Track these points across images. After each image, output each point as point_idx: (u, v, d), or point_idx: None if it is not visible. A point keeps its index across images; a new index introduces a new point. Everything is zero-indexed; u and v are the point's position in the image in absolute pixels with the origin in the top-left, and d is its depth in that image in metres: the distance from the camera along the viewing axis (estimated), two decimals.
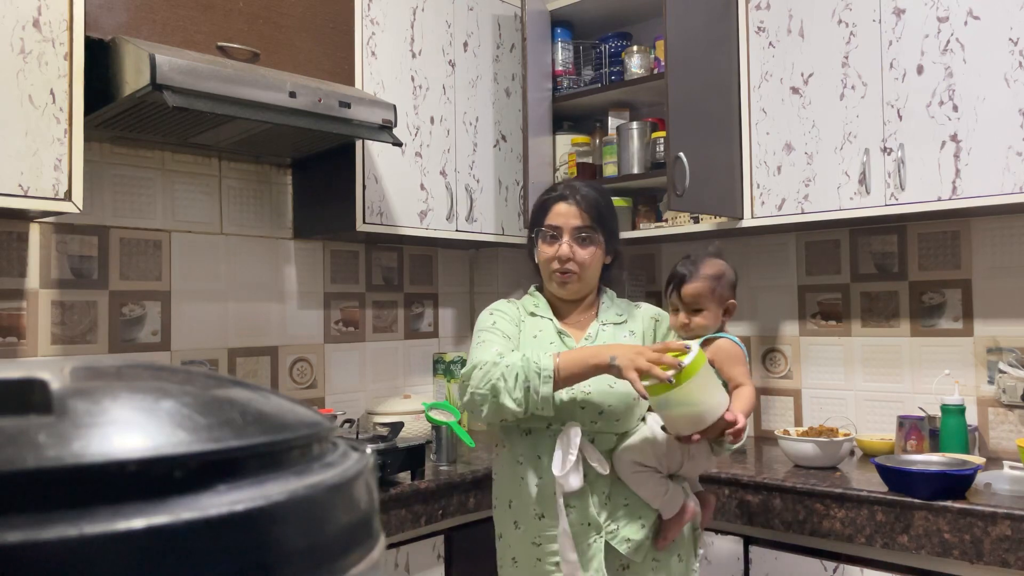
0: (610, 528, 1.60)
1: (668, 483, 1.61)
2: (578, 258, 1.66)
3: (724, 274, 1.64)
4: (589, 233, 1.67)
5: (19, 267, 2.08)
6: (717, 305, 1.63)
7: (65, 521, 0.28)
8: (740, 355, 1.60)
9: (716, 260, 1.66)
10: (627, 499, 1.61)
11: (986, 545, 1.74)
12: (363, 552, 0.39)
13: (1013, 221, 2.33)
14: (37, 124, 1.76)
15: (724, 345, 1.61)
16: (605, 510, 1.61)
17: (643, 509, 1.61)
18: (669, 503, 1.60)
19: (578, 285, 1.69)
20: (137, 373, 0.43)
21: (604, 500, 1.61)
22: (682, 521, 1.62)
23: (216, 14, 2.07)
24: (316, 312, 2.69)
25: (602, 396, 1.60)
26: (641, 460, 1.59)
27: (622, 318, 1.72)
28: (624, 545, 1.59)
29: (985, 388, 2.36)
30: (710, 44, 2.44)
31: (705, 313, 1.62)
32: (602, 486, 1.61)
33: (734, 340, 1.61)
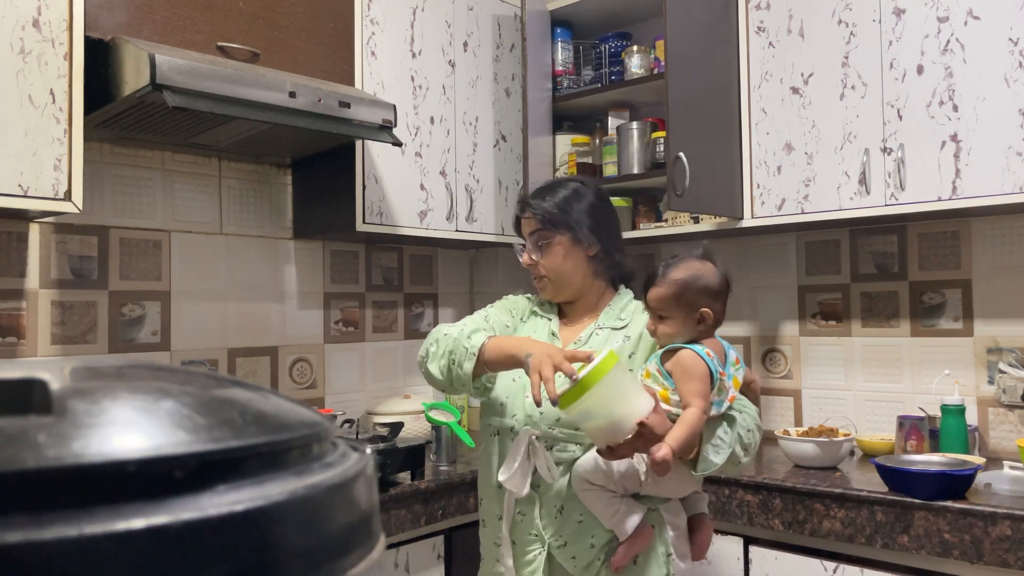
0: (557, 543, 1.54)
1: (621, 503, 1.49)
2: (541, 263, 1.65)
3: (698, 279, 1.47)
4: (542, 235, 1.64)
5: (19, 267, 2.08)
6: (685, 312, 1.45)
7: (65, 521, 0.28)
8: (697, 371, 1.40)
9: (694, 263, 1.49)
10: (582, 515, 1.53)
11: (986, 545, 1.74)
12: (363, 552, 0.38)
13: (1013, 221, 2.33)
14: (37, 124, 1.76)
15: (683, 358, 1.42)
16: (555, 523, 1.54)
17: (598, 528, 1.52)
18: (620, 524, 1.49)
19: (552, 287, 1.66)
20: (137, 373, 0.43)
21: (556, 513, 1.54)
22: (634, 545, 1.49)
23: (216, 14, 2.07)
24: (316, 312, 2.69)
25: None
26: (590, 478, 1.49)
27: (624, 322, 1.65)
28: (570, 562, 1.53)
29: (985, 388, 2.36)
30: (710, 44, 2.44)
31: (670, 321, 1.47)
32: (555, 498, 1.54)
33: (698, 352, 1.42)
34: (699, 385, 1.39)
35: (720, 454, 1.42)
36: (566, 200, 1.65)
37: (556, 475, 1.53)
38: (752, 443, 1.50)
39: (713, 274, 1.48)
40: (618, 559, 1.49)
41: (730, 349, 1.51)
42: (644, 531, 1.50)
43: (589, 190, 1.70)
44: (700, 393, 1.38)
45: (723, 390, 1.44)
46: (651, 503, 1.54)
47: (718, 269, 1.50)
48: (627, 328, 1.64)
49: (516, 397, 1.60)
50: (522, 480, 1.53)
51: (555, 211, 1.64)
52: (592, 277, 1.68)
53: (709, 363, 1.40)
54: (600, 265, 1.68)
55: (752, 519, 2.08)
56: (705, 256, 1.52)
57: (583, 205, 1.66)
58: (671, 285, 1.46)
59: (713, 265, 1.50)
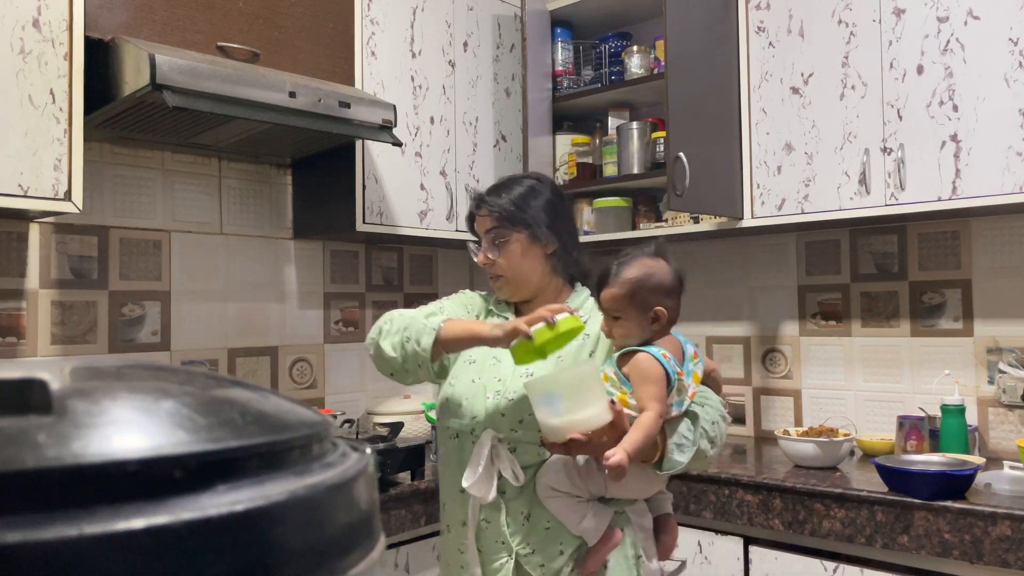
0: (525, 551, 1.48)
1: (587, 508, 1.45)
2: (498, 262, 1.60)
3: (650, 277, 1.42)
4: (499, 232, 1.59)
5: (19, 267, 2.08)
6: (639, 312, 1.41)
7: (65, 521, 0.28)
8: (653, 374, 1.36)
9: (646, 261, 1.44)
10: (549, 521, 1.48)
11: (986, 545, 1.74)
12: (363, 552, 0.38)
13: (1013, 221, 2.34)
14: (37, 124, 1.76)
15: (638, 361, 1.38)
16: (522, 531, 1.48)
17: (566, 534, 1.47)
18: (589, 530, 1.44)
19: (510, 287, 1.62)
20: (137, 373, 0.43)
21: (523, 520, 1.48)
22: (603, 550, 1.45)
23: (216, 14, 2.07)
24: (316, 312, 2.69)
25: (525, 403, 1.46)
26: (553, 484, 1.44)
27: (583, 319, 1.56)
28: (538, 570, 1.48)
29: (985, 388, 2.36)
30: (710, 44, 2.44)
31: (623, 322, 1.42)
32: (521, 505, 1.49)
33: (654, 355, 1.38)
34: (655, 388, 1.36)
35: (685, 453, 1.40)
36: (522, 197, 1.61)
37: (522, 479, 1.47)
38: (718, 435, 1.48)
39: (666, 272, 1.44)
40: (589, 565, 1.45)
41: (687, 344, 1.47)
42: (613, 535, 1.46)
43: (545, 186, 1.66)
44: (656, 396, 1.35)
45: (682, 390, 1.41)
46: (618, 505, 1.50)
47: (671, 266, 1.46)
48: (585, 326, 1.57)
49: (477, 398, 1.54)
50: (487, 485, 1.48)
51: (512, 208, 1.59)
52: (550, 275, 1.63)
53: (665, 365, 1.37)
54: (558, 263, 1.63)
55: (752, 519, 2.08)
56: (658, 253, 1.47)
57: (540, 202, 1.61)
58: (624, 285, 1.42)
59: (666, 262, 1.46)
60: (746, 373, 2.85)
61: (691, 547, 2.20)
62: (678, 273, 1.46)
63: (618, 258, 1.47)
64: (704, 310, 2.96)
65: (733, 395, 2.88)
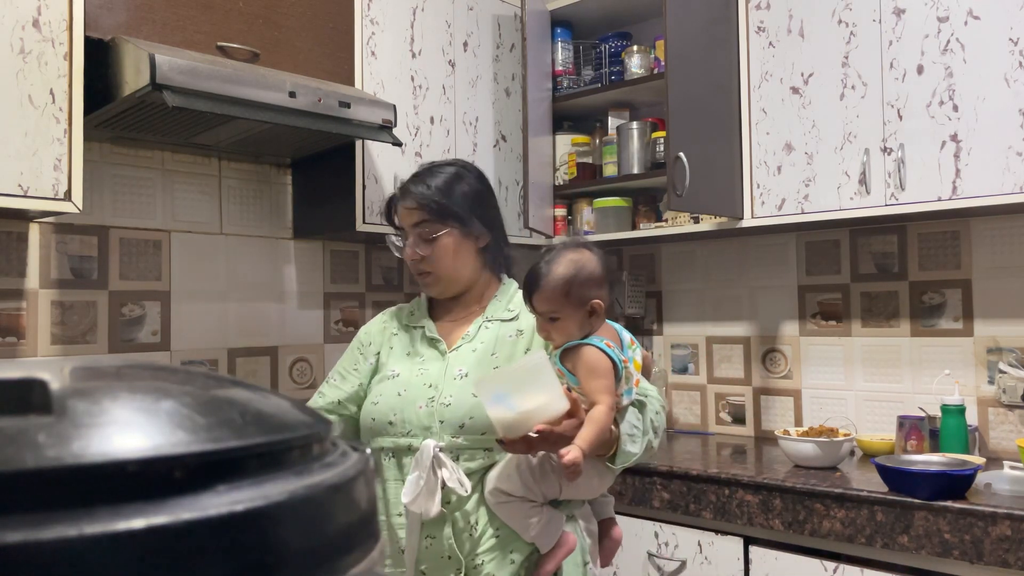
0: (474, 564, 1.38)
1: (540, 513, 1.37)
2: (427, 256, 1.49)
3: (579, 270, 1.36)
4: (429, 226, 1.49)
5: (19, 267, 2.08)
6: (575, 309, 1.35)
7: (65, 521, 0.28)
8: (601, 366, 1.32)
9: (570, 255, 1.38)
10: (499, 530, 1.38)
11: (986, 545, 1.74)
12: (363, 552, 0.39)
13: (1013, 221, 2.33)
14: (37, 124, 1.76)
15: (585, 355, 1.33)
16: (469, 542, 1.38)
17: (517, 542, 1.38)
18: (542, 535, 1.37)
19: (441, 284, 1.52)
20: (137, 373, 0.43)
21: (470, 530, 1.38)
22: (558, 556, 1.38)
23: (216, 14, 2.07)
24: (316, 312, 2.69)
25: (462, 407, 1.40)
26: (505, 488, 1.35)
27: (512, 313, 1.52)
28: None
29: (985, 388, 2.36)
30: (710, 44, 2.44)
31: (561, 323, 1.36)
32: (468, 515, 1.39)
33: (599, 347, 1.33)
34: (605, 381, 1.31)
35: (636, 443, 1.35)
36: (451, 187, 1.50)
37: (468, 486, 1.37)
38: (661, 425, 1.44)
39: (592, 261, 1.38)
40: (548, 570, 1.37)
41: (623, 331, 1.43)
42: (567, 540, 1.39)
43: (471, 174, 1.55)
44: (607, 389, 1.31)
45: (629, 378, 1.37)
46: (569, 509, 1.42)
47: (596, 254, 1.40)
48: (517, 320, 1.51)
49: (406, 411, 1.44)
50: (429, 499, 1.36)
51: (442, 200, 1.48)
52: (480, 270, 1.54)
53: (612, 355, 1.33)
54: (490, 257, 1.54)
55: (752, 519, 2.08)
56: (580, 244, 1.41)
57: (469, 192, 1.52)
58: (556, 284, 1.35)
59: (590, 251, 1.40)
60: (746, 373, 2.85)
61: (691, 547, 2.20)
62: (604, 260, 1.40)
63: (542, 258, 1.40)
64: (704, 310, 2.96)
65: (733, 395, 2.88)
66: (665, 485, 2.24)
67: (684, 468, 2.21)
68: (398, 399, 1.46)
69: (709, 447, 2.63)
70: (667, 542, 2.24)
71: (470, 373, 1.45)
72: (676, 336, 3.03)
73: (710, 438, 2.82)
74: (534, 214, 2.65)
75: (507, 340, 1.48)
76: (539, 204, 2.72)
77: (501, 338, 1.49)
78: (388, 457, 1.46)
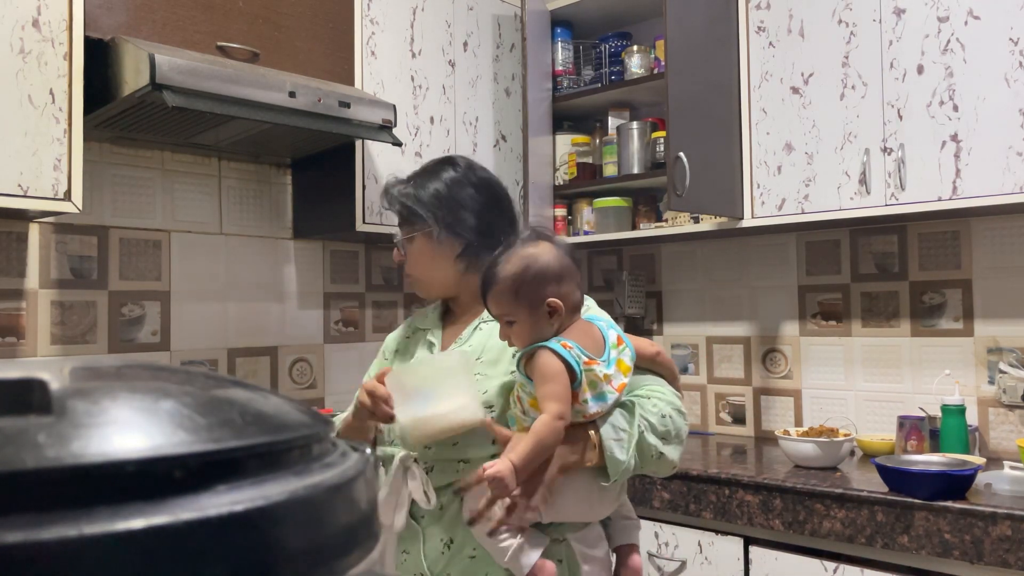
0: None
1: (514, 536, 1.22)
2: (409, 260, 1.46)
3: (528, 267, 1.23)
4: (404, 230, 1.45)
5: (19, 267, 2.08)
6: (530, 310, 1.23)
7: (65, 521, 0.28)
8: (549, 371, 1.18)
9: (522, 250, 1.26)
10: (475, 549, 1.27)
11: (986, 545, 1.74)
12: (363, 552, 0.38)
13: (1013, 221, 2.33)
14: (37, 124, 1.76)
15: (535, 359, 1.20)
16: (443, 560, 1.29)
17: (493, 564, 1.25)
18: (515, 562, 1.22)
19: (423, 287, 1.47)
20: (137, 373, 0.43)
21: (444, 547, 1.29)
22: None
23: (216, 14, 2.07)
24: (316, 312, 2.69)
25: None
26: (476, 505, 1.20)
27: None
28: None
29: (985, 388, 2.36)
30: (710, 44, 2.44)
31: (517, 326, 1.24)
32: (441, 531, 1.30)
33: (554, 349, 1.19)
34: (551, 387, 1.17)
35: (625, 449, 1.21)
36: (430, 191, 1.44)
37: (434, 500, 1.29)
38: (672, 429, 1.27)
39: (548, 255, 1.25)
40: None
41: (609, 329, 1.28)
42: (545, 568, 1.22)
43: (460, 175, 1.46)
44: (553, 395, 1.17)
45: (595, 383, 1.21)
46: (559, 532, 1.27)
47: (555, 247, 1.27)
48: None
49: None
50: (391, 510, 1.31)
51: (411, 204, 1.42)
52: (462, 275, 1.44)
53: (567, 356, 1.18)
54: (471, 261, 1.43)
55: (752, 519, 2.08)
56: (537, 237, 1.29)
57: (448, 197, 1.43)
58: (504, 284, 1.24)
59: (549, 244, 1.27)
60: (746, 373, 2.85)
61: (691, 547, 2.20)
62: (566, 252, 1.28)
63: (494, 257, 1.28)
64: (704, 310, 2.96)
65: (733, 395, 2.88)
66: (665, 485, 2.24)
67: (684, 468, 2.21)
68: None
69: (709, 447, 2.63)
70: (667, 542, 2.25)
71: None
72: (676, 336, 3.03)
73: (710, 438, 2.82)
74: (534, 214, 2.65)
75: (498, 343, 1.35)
76: (539, 204, 2.72)
77: (492, 339, 1.38)
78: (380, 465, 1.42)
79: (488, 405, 1.28)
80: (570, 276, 1.27)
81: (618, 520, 1.36)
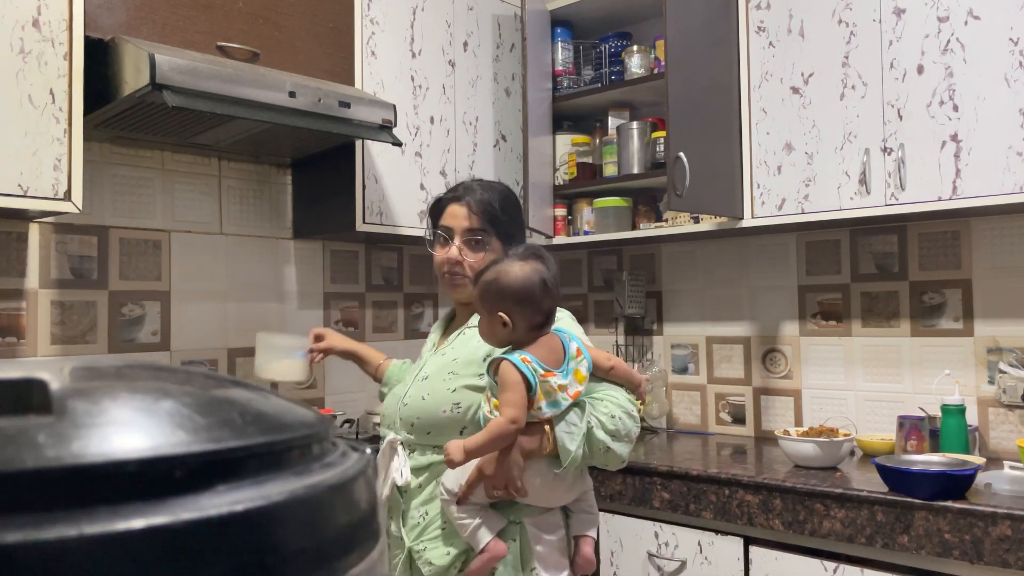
0: (417, 548, 1.50)
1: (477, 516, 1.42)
2: (468, 261, 1.58)
3: (494, 282, 1.41)
4: (481, 236, 1.59)
5: (19, 267, 2.08)
6: (487, 315, 1.42)
7: (65, 521, 0.28)
8: (509, 380, 1.36)
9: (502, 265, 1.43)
10: (446, 523, 1.48)
11: (986, 545, 1.74)
12: (363, 552, 0.38)
13: (1013, 221, 2.33)
14: (37, 124, 1.76)
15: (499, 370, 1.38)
16: (416, 529, 1.51)
17: (457, 538, 1.46)
18: (473, 537, 1.42)
19: (469, 289, 1.58)
20: (137, 373, 0.43)
21: (419, 518, 1.51)
22: (483, 560, 1.41)
23: (216, 14, 2.07)
24: (316, 312, 2.69)
25: (414, 407, 1.54)
26: (448, 487, 1.43)
27: None
28: (427, 567, 1.48)
29: (985, 388, 2.36)
30: (710, 44, 2.44)
31: (481, 320, 1.45)
32: (421, 504, 1.51)
33: (512, 362, 1.36)
34: (509, 395, 1.35)
35: (575, 440, 1.38)
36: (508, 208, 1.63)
37: (407, 478, 1.51)
38: (622, 429, 1.43)
39: (515, 278, 1.40)
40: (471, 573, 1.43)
41: (571, 341, 1.44)
42: (495, 547, 1.41)
43: (515, 196, 1.71)
44: (509, 402, 1.34)
45: (551, 392, 1.37)
46: (516, 515, 1.46)
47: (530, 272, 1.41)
48: None
49: (389, 407, 1.64)
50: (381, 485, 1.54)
51: (498, 213, 1.59)
52: None
53: (524, 369, 1.35)
54: None
55: (752, 519, 2.08)
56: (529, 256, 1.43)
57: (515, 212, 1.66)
58: (477, 287, 1.44)
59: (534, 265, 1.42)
60: (746, 373, 2.85)
61: (691, 547, 2.20)
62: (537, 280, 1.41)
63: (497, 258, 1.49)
64: (704, 310, 2.96)
65: (733, 395, 2.88)
66: (665, 485, 2.24)
67: (684, 468, 2.21)
68: (391, 397, 1.67)
69: (709, 447, 2.63)
70: (667, 542, 2.25)
71: (429, 376, 1.57)
72: (676, 336, 3.03)
73: (710, 438, 2.82)
74: (534, 214, 2.65)
75: (474, 346, 1.54)
76: (539, 204, 2.72)
77: (469, 344, 1.57)
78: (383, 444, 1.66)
79: (455, 402, 1.50)
80: (529, 301, 1.41)
81: (579, 513, 1.53)
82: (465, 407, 1.49)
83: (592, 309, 3.23)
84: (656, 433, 2.92)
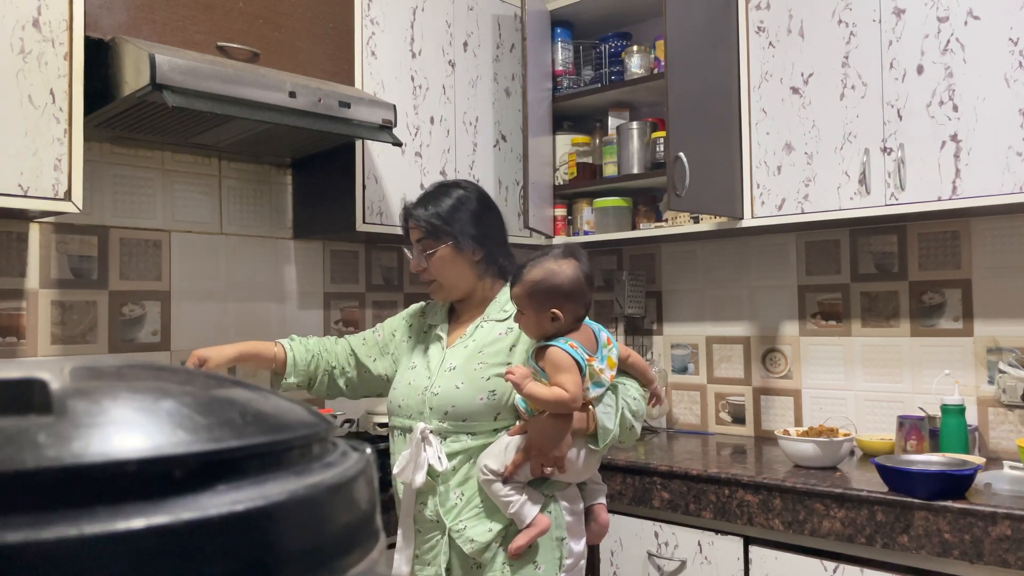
0: (457, 527, 1.60)
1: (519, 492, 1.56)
2: (428, 268, 1.74)
3: (545, 280, 1.55)
4: (426, 243, 1.73)
5: (19, 267, 2.08)
6: (536, 311, 1.55)
7: (65, 521, 0.28)
8: (565, 363, 1.51)
9: (549, 265, 1.57)
10: (483, 501, 1.60)
11: (986, 545, 1.74)
12: (363, 552, 0.39)
13: (1013, 221, 2.34)
14: (37, 124, 1.76)
15: (550, 355, 1.53)
16: (455, 510, 1.61)
17: (497, 513, 1.59)
18: (519, 514, 1.55)
19: (444, 290, 1.76)
20: (137, 373, 0.43)
21: (456, 499, 1.62)
22: (531, 534, 1.56)
23: (216, 14, 2.07)
24: (316, 312, 2.69)
25: (448, 396, 1.64)
26: (491, 466, 1.56)
27: (507, 314, 1.72)
28: (468, 545, 1.59)
29: (985, 388, 2.36)
30: (710, 44, 2.44)
31: (523, 317, 1.58)
32: (456, 486, 1.62)
33: (562, 348, 1.53)
34: (566, 376, 1.49)
35: (611, 419, 1.56)
36: (449, 209, 1.73)
37: (446, 463, 1.61)
38: (640, 410, 1.65)
39: (566, 276, 1.55)
40: (516, 547, 1.56)
41: (601, 331, 1.62)
42: (540, 522, 1.56)
43: (471, 195, 1.77)
44: (569, 382, 1.49)
45: (594, 374, 1.54)
46: (549, 490, 1.61)
47: (575, 269, 1.56)
48: (509, 320, 1.71)
49: (411, 398, 1.71)
50: (416, 472, 1.62)
51: (437, 222, 1.72)
52: (478, 278, 1.77)
53: (575, 355, 1.52)
54: (486, 266, 1.77)
55: (752, 519, 2.08)
56: (567, 255, 1.58)
57: (465, 213, 1.73)
58: (524, 286, 1.56)
59: (575, 263, 1.57)
60: (746, 373, 2.85)
61: (691, 547, 2.20)
62: (582, 276, 1.57)
63: (531, 257, 1.60)
64: (704, 310, 2.96)
65: (733, 395, 2.88)
66: (665, 485, 2.24)
67: (684, 468, 2.21)
68: (407, 387, 1.74)
69: (709, 447, 2.63)
70: (667, 542, 2.25)
71: (458, 367, 1.68)
72: (676, 336, 3.03)
73: (710, 438, 2.82)
74: (534, 214, 2.65)
75: (497, 337, 1.70)
76: (539, 204, 2.72)
77: (492, 336, 1.71)
78: (399, 434, 1.74)
79: (491, 390, 1.63)
80: (578, 296, 1.57)
81: (590, 484, 1.71)
82: (500, 394, 1.63)
83: (592, 309, 3.23)
84: (656, 433, 2.92)
